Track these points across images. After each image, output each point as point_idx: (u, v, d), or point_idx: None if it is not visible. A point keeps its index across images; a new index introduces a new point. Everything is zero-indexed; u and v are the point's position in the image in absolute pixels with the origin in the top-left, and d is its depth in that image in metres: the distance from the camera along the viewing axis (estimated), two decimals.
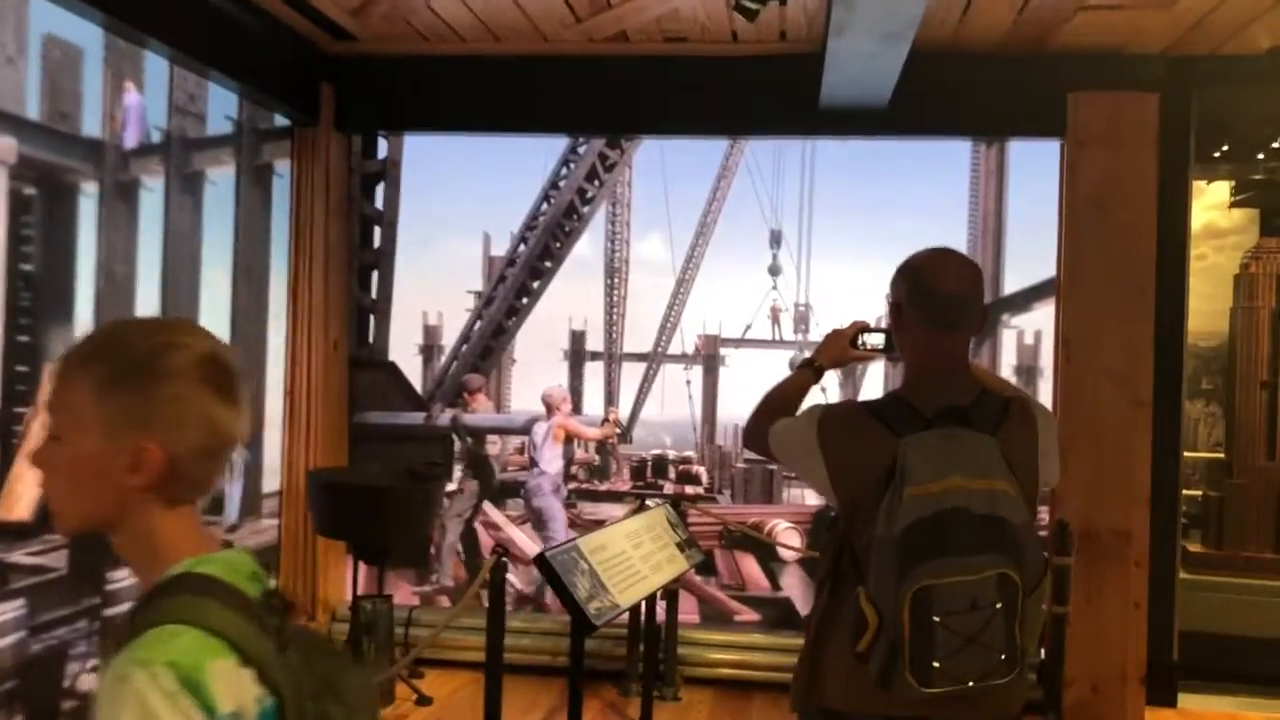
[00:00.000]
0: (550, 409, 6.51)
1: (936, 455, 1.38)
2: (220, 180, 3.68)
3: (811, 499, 12.48)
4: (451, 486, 7.72)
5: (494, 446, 7.63)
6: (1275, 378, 5.59)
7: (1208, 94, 3.57)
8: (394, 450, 6.64)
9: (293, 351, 4.04)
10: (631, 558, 2.81)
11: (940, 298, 1.47)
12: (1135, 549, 3.36)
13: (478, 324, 11.42)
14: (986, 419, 1.45)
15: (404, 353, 6.70)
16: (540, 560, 2.32)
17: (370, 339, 6.56)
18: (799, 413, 1.65)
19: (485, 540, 8.52)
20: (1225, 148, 5.21)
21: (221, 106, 3.64)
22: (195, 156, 3.58)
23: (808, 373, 1.79)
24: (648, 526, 3.15)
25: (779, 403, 1.72)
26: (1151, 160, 3.40)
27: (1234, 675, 3.71)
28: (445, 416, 7.77)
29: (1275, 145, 5.59)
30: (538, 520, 6.52)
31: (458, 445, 7.46)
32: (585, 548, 2.57)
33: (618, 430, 6.79)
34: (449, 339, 7.98)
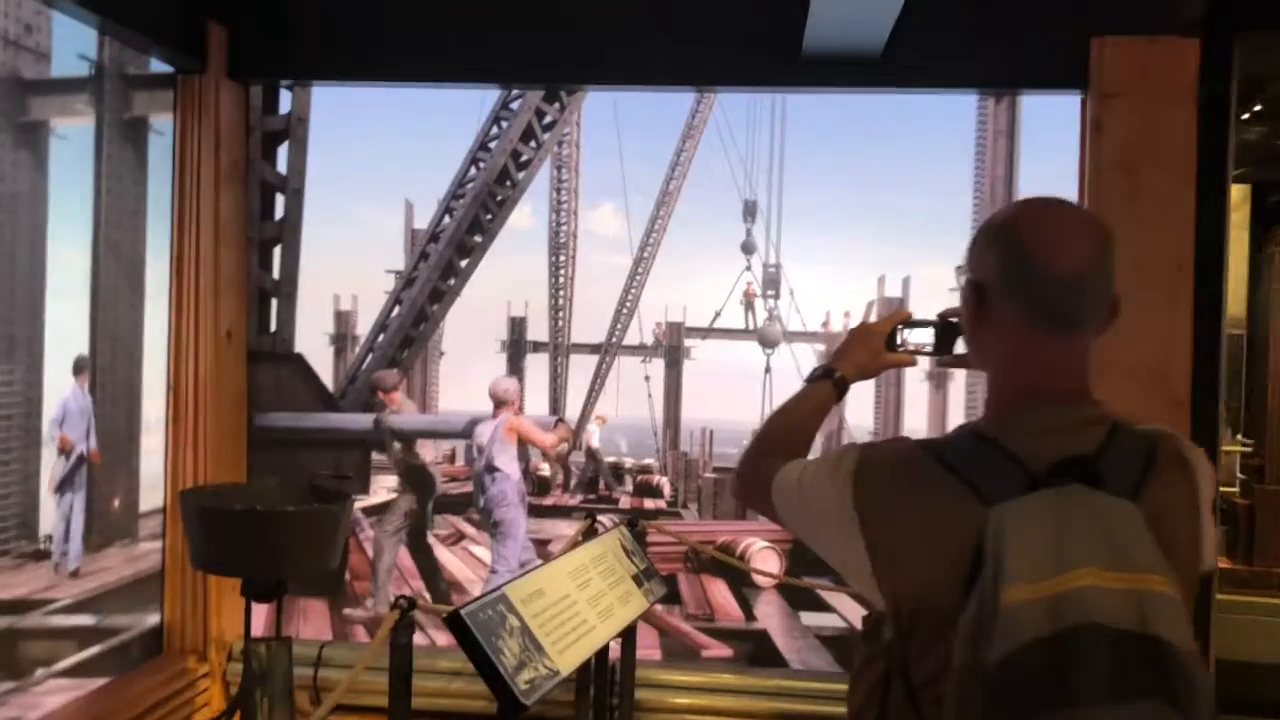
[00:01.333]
0: (499, 405, 6.44)
1: (1052, 535, 1.01)
2: (72, 135, 3.54)
3: None
4: (376, 500, 7.63)
5: (425, 452, 7.55)
6: None
7: (1250, 42, 3.59)
8: (302, 458, 6.51)
9: (177, 341, 3.93)
10: (576, 603, 2.63)
11: (1052, 279, 1.12)
12: None
13: (396, 309, 11.30)
14: (1124, 473, 1.09)
15: (313, 343, 6.58)
16: (454, 622, 2.07)
17: (272, 327, 6.43)
18: (819, 454, 1.31)
19: (447, 559, 8.45)
20: (1258, 108, 5.31)
21: (73, 43, 3.50)
22: (33, 103, 3.43)
23: (825, 386, 1.50)
24: (597, 558, 3.08)
25: (785, 434, 1.42)
26: (1190, 118, 3.42)
27: (1271, 709, 3.77)
28: (365, 419, 7.66)
29: None
30: (497, 534, 6.47)
31: (394, 449, 7.36)
32: (515, 597, 2.33)
33: (564, 436, 6.74)
34: (365, 327, 7.87)
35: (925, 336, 1.55)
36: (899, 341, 1.56)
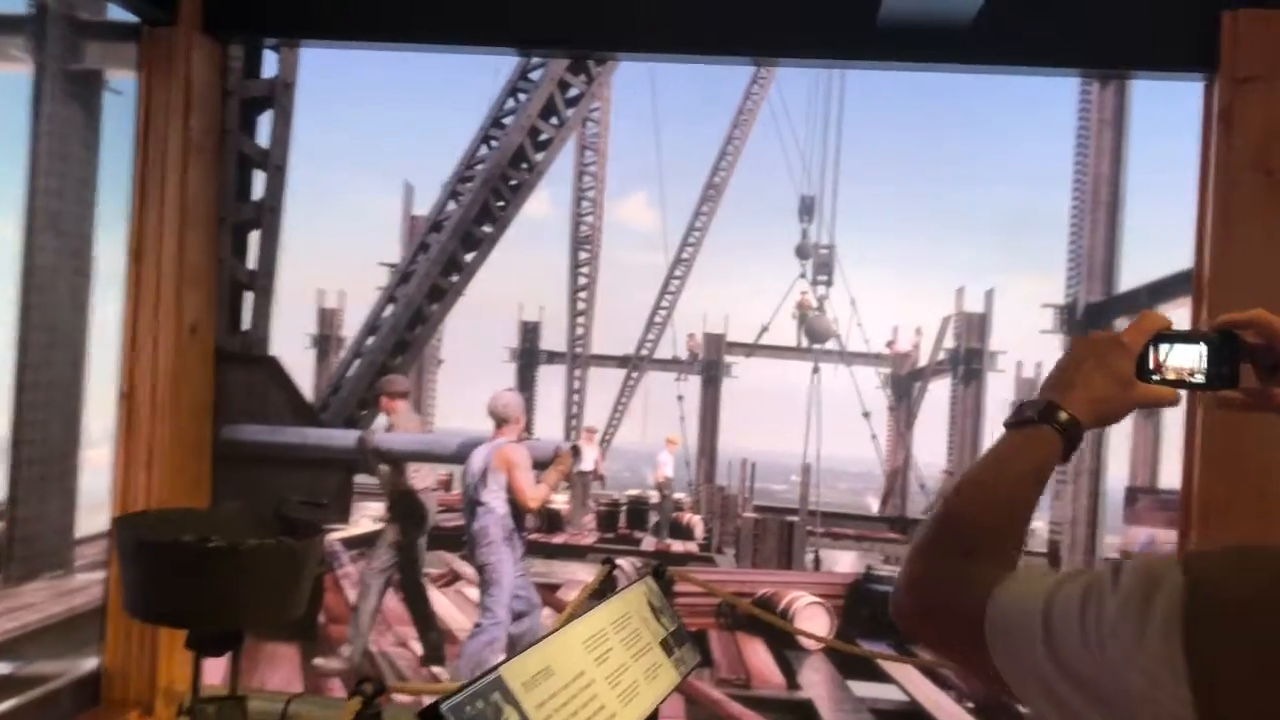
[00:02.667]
0: (500, 424, 6.32)
1: None
2: (2, 83, 3.53)
3: (846, 565, 12.43)
4: (358, 530, 7.63)
5: (417, 477, 7.54)
6: None
7: None
8: (273, 479, 6.55)
9: (132, 337, 3.94)
10: (593, 682, 2.48)
11: None
12: None
13: (390, 308, 11.29)
14: None
15: (291, 345, 6.61)
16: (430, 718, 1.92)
17: (245, 324, 6.47)
18: (1077, 571, 0.96)
19: (443, 603, 8.39)
20: None
21: None
22: None
23: (1046, 435, 1.17)
24: (619, 622, 3.00)
25: (990, 517, 1.11)
26: None
27: None
28: (348, 436, 7.67)
29: None
30: (481, 579, 6.41)
31: (382, 472, 7.37)
32: (515, 681, 2.16)
33: (566, 472, 6.58)
34: (352, 328, 7.91)
35: (1192, 357, 1.23)
36: (1153, 365, 1.23)
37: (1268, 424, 1.31)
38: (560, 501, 14.40)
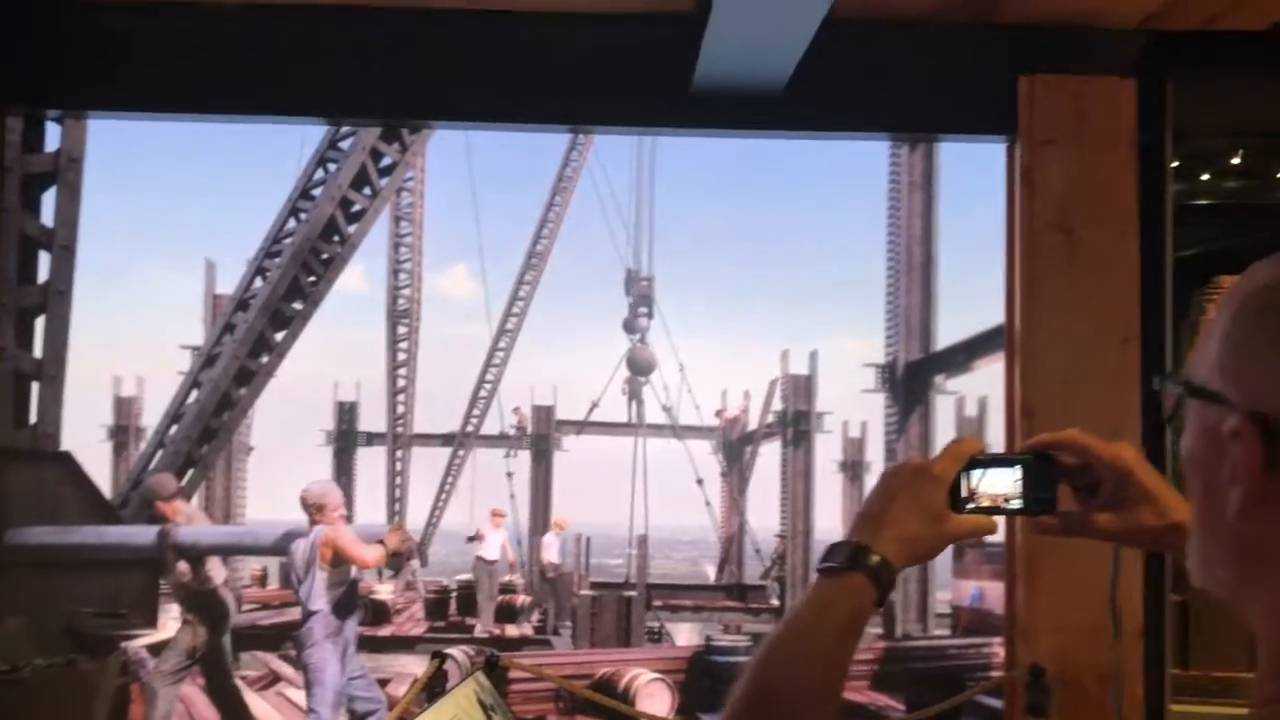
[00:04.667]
0: (315, 515, 6.17)
1: None
2: None
3: (686, 638, 12.48)
4: (166, 634, 7.29)
5: (216, 573, 7.24)
6: None
7: (1182, 86, 3.83)
8: (68, 586, 6.21)
9: None
10: None
11: None
12: (1128, 698, 3.47)
13: (194, 393, 10.92)
14: None
15: (86, 438, 6.33)
16: None
17: (32, 418, 6.16)
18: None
19: (262, 707, 8.04)
20: (1175, 164, 5.80)
21: None
22: None
23: (858, 583, 1.13)
24: None
25: (798, 685, 1.08)
26: (1130, 166, 3.60)
27: None
28: (148, 532, 7.34)
29: (1236, 160, 6.22)
30: (305, 679, 6.20)
31: (177, 571, 7.05)
32: None
33: (408, 549, 6.51)
34: (153, 417, 7.62)
35: (1007, 483, 1.19)
36: (966, 493, 1.18)
37: None
38: (386, 592, 14.05)
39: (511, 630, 13.40)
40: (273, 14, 3.75)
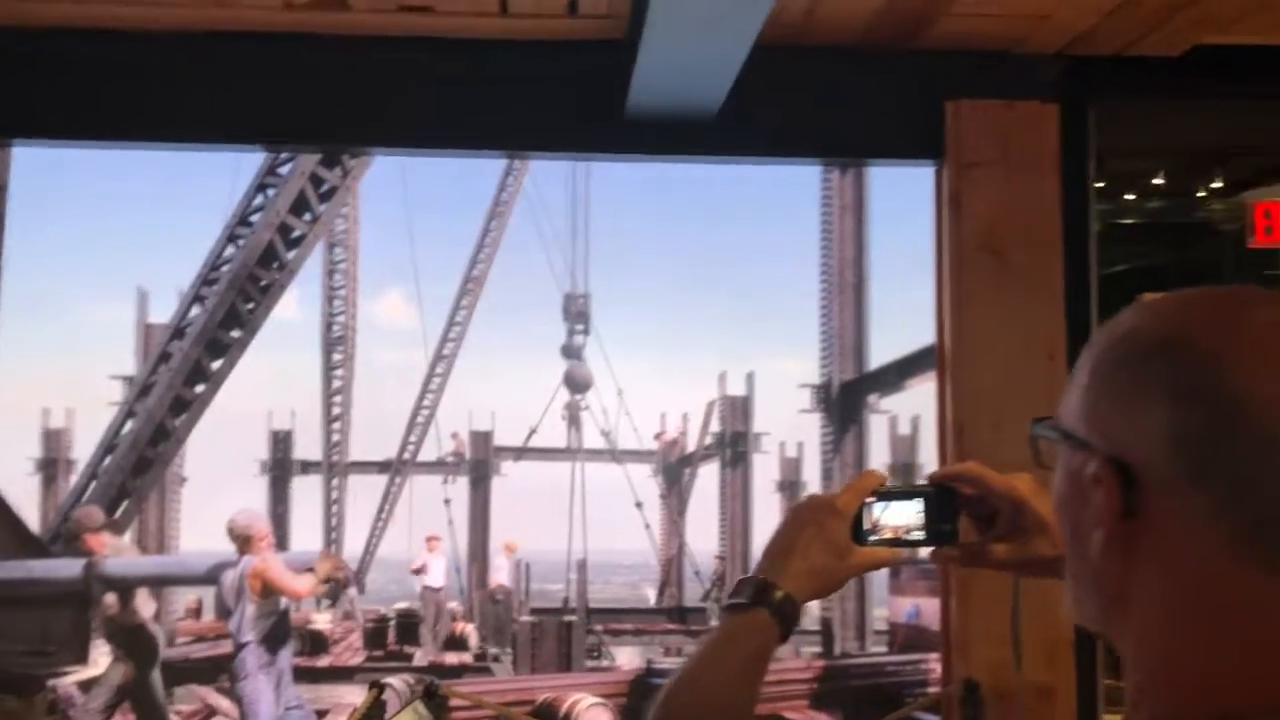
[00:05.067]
0: (243, 546, 6.10)
1: None
2: None
3: (628, 661, 12.46)
4: (99, 670, 7.15)
5: (144, 607, 7.12)
6: None
7: (1103, 109, 3.94)
8: None
9: None
10: None
11: None
12: (1060, 711, 3.52)
13: (128, 424, 10.74)
14: None
15: (12, 471, 6.24)
16: None
17: None
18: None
19: None
20: (1100, 184, 5.96)
21: None
22: None
23: (761, 619, 1.15)
24: None
25: (707, 718, 1.11)
26: (1054, 189, 3.69)
27: None
28: (75, 565, 7.20)
29: (1159, 181, 6.41)
30: (240, 712, 6.11)
31: (105, 604, 6.92)
32: None
33: (344, 576, 6.45)
34: (84, 449, 7.51)
35: (909, 514, 1.21)
36: (869, 525, 1.21)
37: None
38: (324, 622, 13.87)
39: (451, 658, 13.29)
40: (207, 40, 3.73)
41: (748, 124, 3.77)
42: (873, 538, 1.20)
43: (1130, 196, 6.24)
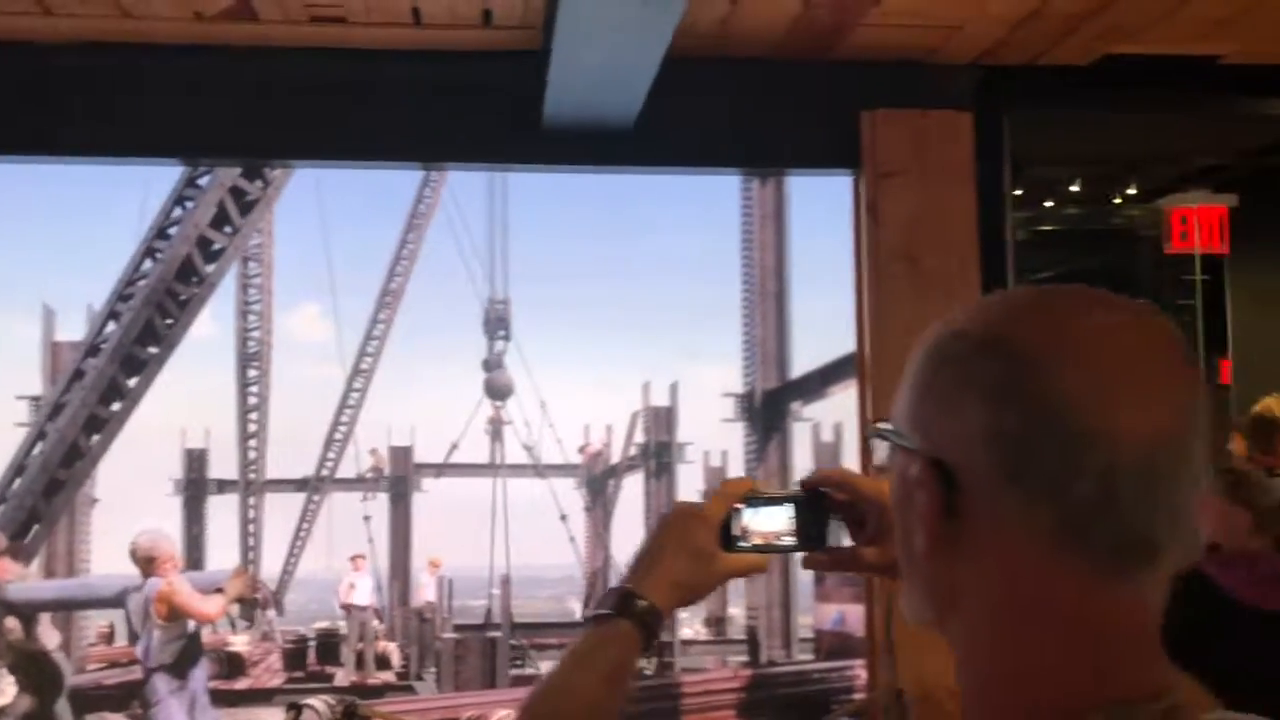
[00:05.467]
0: (147, 567, 5.94)
1: None
2: None
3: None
4: (2, 701, 6.93)
5: (48, 635, 6.92)
6: None
7: (1019, 117, 4.01)
8: None
9: None
10: None
11: (1118, 461, 0.75)
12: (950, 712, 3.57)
13: (39, 445, 10.46)
14: None
15: None
16: None
17: None
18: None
19: None
20: (1020, 192, 6.06)
21: None
22: None
23: (623, 629, 1.16)
24: None
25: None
26: (969, 197, 3.74)
27: None
28: None
29: (1071, 188, 6.53)
30: None
31: (5, 632, 6.71)
32: None
33: (263, 597, 6.33)
34: None
35: (779, 520, 1.20)
36: (738, 531, 1.19)
37: None
38: (241, 643, 13.62)
39: (373, 677, 13.12)
40: (118, 52, 3.66)
41: (665, 135, 3.78)
42: (741, 544, 1.18)
43: (1050, 204, 6.36)
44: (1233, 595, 2.83)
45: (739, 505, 1.19)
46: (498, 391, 19.73)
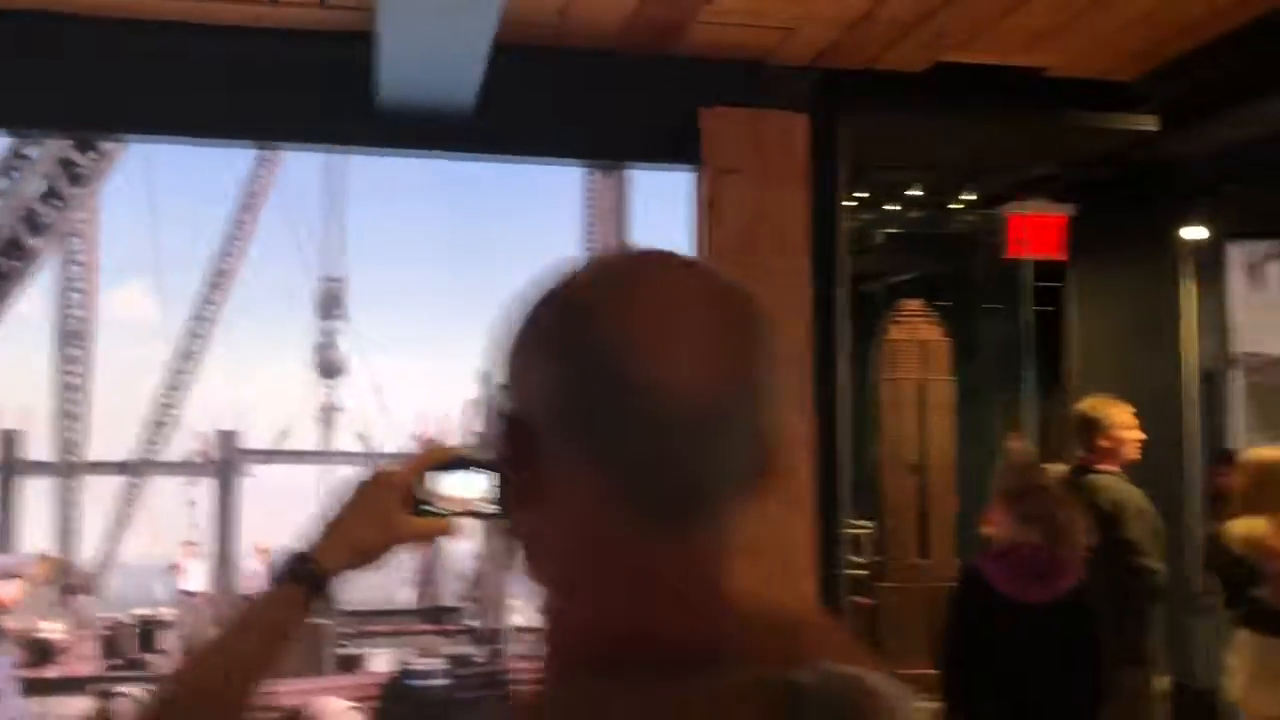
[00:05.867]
0: None
1: None
2: None
3: (381, 664, 12.26)
4: None
5: None
6: (924, 460, 6.58)
7: (855, 120, 4.11)
8: None
9: None
10: None
11: (659, 415, 0.76)
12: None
13: None
14: None
15: None
16: None
17: None
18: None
19: None
20: (864, 194, 6.21)
21: None
22: None
23: (287, 591, 1.17)
24: None
25: (205, 686, 1.15)
26: (803, 196, 3.82)
27: None
28: None
29: (911, 192, 6.70)
30: None
31: None
32: None
33: (64, 581, 6.07)
34: None
35: (476, 486, 1.21)
36: (423, 495, 1.20)
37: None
38: (57, 630, 13.06)
39: None
40: None
41: (505, 123, 3.77)
42: (427, 508, 1.20)
43: (891, 207, 6.51)
44: (995, 587, 3.03)
45: (437, 471, 1.20)
46: (329, 369, 19.31)
